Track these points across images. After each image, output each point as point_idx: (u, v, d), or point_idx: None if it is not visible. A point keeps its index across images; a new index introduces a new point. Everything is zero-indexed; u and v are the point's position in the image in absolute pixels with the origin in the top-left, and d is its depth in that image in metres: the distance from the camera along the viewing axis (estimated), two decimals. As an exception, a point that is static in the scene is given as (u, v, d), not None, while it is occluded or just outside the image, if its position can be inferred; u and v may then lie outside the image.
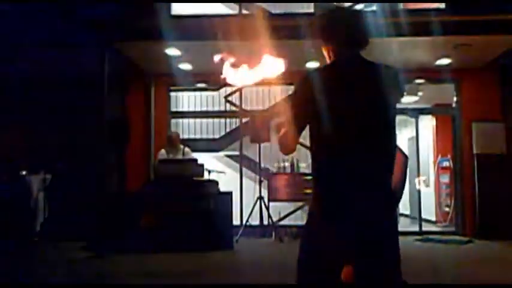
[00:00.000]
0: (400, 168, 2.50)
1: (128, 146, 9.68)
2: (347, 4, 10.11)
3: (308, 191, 9.15)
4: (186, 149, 8.55)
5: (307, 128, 2.33)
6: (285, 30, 7.83)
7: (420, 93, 10.88)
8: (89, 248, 7.43)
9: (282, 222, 9.75)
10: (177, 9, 9.33)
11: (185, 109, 10.95)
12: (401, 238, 2.31)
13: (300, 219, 10.10)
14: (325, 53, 2.52)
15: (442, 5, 9.38)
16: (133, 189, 9.03)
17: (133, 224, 7.67)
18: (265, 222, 9.06)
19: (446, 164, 11.61)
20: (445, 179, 11.76)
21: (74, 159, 9.01)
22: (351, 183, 2.19)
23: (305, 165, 9.64)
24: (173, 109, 10.52)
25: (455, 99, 9.91)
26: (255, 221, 9.04)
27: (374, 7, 9.43)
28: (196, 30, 7.94)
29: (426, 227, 10.19)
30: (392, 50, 8.15)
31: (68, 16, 8.18)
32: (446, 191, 11.73)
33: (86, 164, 8.81)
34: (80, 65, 8.83)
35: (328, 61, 2.48)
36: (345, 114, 2.22)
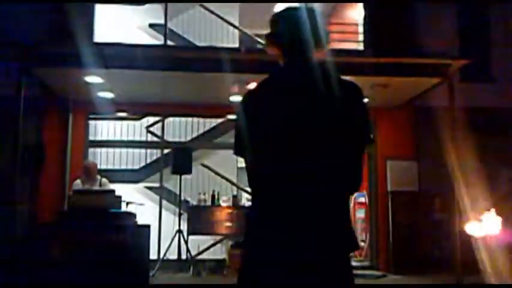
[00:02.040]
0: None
1: (41, 174, 9.27)
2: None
3: (228, 224, 9.11)
4: (104, 179, 8.29)
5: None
6: (209, 63, 7.87)
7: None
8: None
9: (201, 256, 9.62)
10: (100, 36, 9.19)
11: (104, 138, 10.69)
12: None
13: (219, 253, 10.01)
14: (276, 56, 2.14)
15: (361, 47, 9.83)
16: (46, 220, 8.62)
17: (44, 256, 7.29)
18: (184, 256, 8.90)
19: (362, 199, 11.92)
20: (361, 214, 12.06)
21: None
22: (280, 234, 1.84)
23: (226, 198, 9.59)
24: (92, 138, 10.20)
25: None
26: (172, 255, 8.85)
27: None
28: (119, 58, 7.83)
29: (342, 262, 10.35)
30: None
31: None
32: (362, 225, 12.02)
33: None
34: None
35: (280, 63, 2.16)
36: (282, 144, 1.88)
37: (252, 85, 2.08)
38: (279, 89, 1.96)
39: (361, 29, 10.12)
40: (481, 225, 6.34)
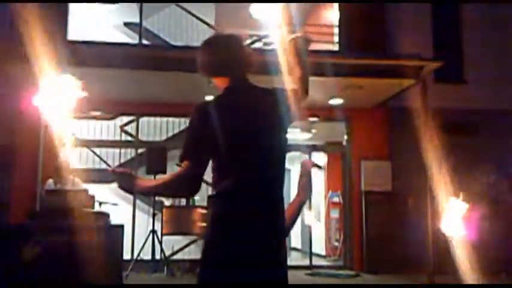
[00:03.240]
0: (296, 207, 2.51)
1: (12, 175, 9.10)
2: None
3: (203, 224, 9.07)
4: (76, 179, 8.18)
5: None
6: (184, 63, 7.83)
7: (313, 131, 11.27)
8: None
9: (175, 257, 9.55)
10: (74, 34, 9.07)
11: (78, 137, 10.55)
12: (291, 272, 2.31)
13: (193, 253, 9.96)
14: (216, 82, 2.44)
15: (336, 48, 9.89)
16: (18, 220, 8.47)
17: (15, 257, 7.16)
18: (158, 256, 8.83)
19: (336, 199, 12.01)
20: (335, 213, 12.15)
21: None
22: (250, 219, 2.16)
23: (199, 198, 9.54)
24: (65, 137, 10.05)
25: (345, 137, 10.35)
26: (147, 255, 8.78)
27: (273, 46, 9.73)
28: (94, 57, 7.74)
29: (316, 261, 10.43)
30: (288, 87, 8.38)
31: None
32: (336, 225, 12.11)
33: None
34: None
35: (219, 90, 2.40)
36: (242, 143, 2.20)
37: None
38: (233, 104, 2.28)
39: (336, 30, 10.18)
40: (451, 224, 6.43)
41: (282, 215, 2.28)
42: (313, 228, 10.78)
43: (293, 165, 9.49)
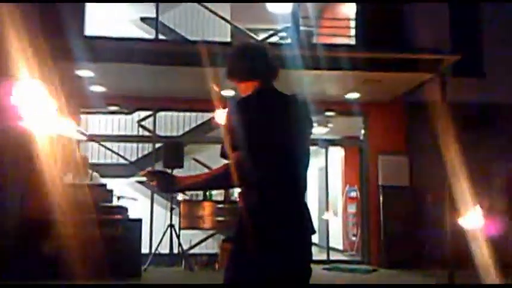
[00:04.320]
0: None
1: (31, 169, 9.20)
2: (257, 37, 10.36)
3: (220, 218, 9.11)
4: (94, 173, 8.26)
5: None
6: (200, 57, 7.83)
7: (330, 125, 11.24)
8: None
9: (193, 251, 9.61)
10: (91, 30, 9.12)
11: (96, 132, 10.65)
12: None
13: (211, 247, 10.01)
14: (239, 87, 2.53)
15: (353, 42, 9.83)
16: (37, 215, 8.57)
17: (35, 250, 7.26)
18: (176, 250, 8.89)
19: (353, 194, 11.97)
20: (353, 208, 12.12)
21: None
22: (282, 215, 2.24)
23: (216, 193, 9.59)
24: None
25: (363, 131, 10.30)
26: (164, 249, 8.84)
27: (289, 40, 9.72)
28: (111, 52, 7.79)
29: (334, 256, 10.41)
30: (305, 82, 8.38)
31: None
32: (353, 220, 12.07)
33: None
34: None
35: (243, 94, 2.48)
36: (274, 144, 2.27)
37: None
38: (263, 106, 2.36)
39: (353, 23, 10.12)
40: (470, 219, 6.37)
41: (308, 215, 2.35)
42: (331, 223, 10.76)
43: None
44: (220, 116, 2.48)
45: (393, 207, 9.58)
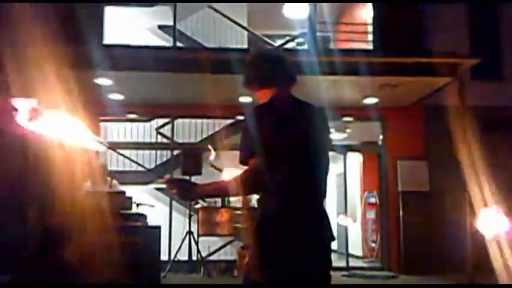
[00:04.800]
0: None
1: (52, 177, 9.30)
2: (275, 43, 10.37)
3: (238, 225, 9.11)
4: (113, 181, 8.32)
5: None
6: (218, 65, 7.87)
7: (348, 131, 11.19)
8: (12, 282, 7.03)
9: (211, 257, 9.62)
10: (110, 38, 9.23)
11: (114, 140, 10.73)
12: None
13: (229, 254, 10.01)
14: (257, 94, 2.54)
15: (370, 46, 9.80)
16: (57, 222, 8.66)
17: (56, 257, 7.33)
18: (194, 257, 8.91)
19: (372, 200, 11.89)
20: (372, 214, 12.04)
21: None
22: (297, 220, 2.23)
23: (235, 199, 9.59)
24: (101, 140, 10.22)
25: (381, 137, 10.24)
26: (183, 256, 8.86)
27: (306, 46, 9.72)
28: (129, 60, 7.86)
29: (353, 263, 10.34)
30: (322, 87, 8.37)
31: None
32: (372, 226, 11.99)
33: (7, 196, 8.38)
34: None
35: (261, 101, 2.48)
36: (290, 150, 2.27)
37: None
38: (280, 114, 2.36)
39: (370, 28, 10.09)
40: (491, 224, 6.29)
41: (327, 221, 2.35)
42: (350, 229, 10.70)
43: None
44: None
45: (413, 212, 9.49)
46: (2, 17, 7.45)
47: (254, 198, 10.13)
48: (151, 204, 9.14)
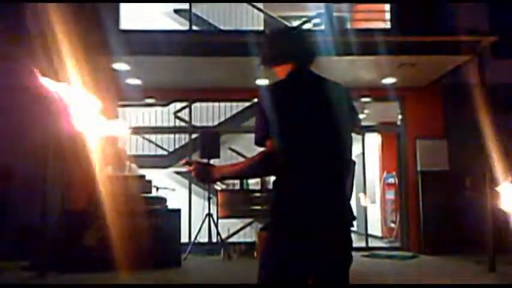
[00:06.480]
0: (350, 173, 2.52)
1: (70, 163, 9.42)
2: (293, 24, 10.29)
3: (257, 207, 9.17)
4: (133, 165, 8.40)
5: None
6: (234, 47, 7.86)
7: (366, 111, 11.14)
8: (32, 268, 7.17)
9: (231, 239, 9.71)
10: (126, 23, 9.25)
11: (133, 124, 10.81)
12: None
13: (249, 236, 10.09)
14: (276, 71, 2.51)
15: (388, 26, 9.69)
16: (78, 206, 8.79)
17: (77, 242, 7.46)
18: (214, 239, 9.00)
19: (391, 180, 11.85)
20: (391, 195, 12.01)
21: (13, 179, 8.72)
22: (314, 200, 2.19)
23: (253, 182, 9.64)
24: (120, 124, 10.31)
25: (400, 117, 10.18)
26: (203, 238, 8.95)
27: (323, 26, 9.64)
28: (146, 45, 7.88)
29: (373, 243, 10.36)
30: (340, 68, 8.32)
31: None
32: (391, 206, 11.97)
33: (28, 182, 8.52)
34: None
35: (279, 78, 2.45)
36: (306, 128, 2.23)
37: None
38: (298, 90, 2.34)
39: (387, 7, 9.96)
40: (510, 202, 6.24)
41: (347, 201, 2.32)
42: (369, 209, 10.70)
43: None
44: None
45: (432, 192, 9.45)
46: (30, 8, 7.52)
47: (272, 180, 10.20)
48: (171, 187, 9.25)
